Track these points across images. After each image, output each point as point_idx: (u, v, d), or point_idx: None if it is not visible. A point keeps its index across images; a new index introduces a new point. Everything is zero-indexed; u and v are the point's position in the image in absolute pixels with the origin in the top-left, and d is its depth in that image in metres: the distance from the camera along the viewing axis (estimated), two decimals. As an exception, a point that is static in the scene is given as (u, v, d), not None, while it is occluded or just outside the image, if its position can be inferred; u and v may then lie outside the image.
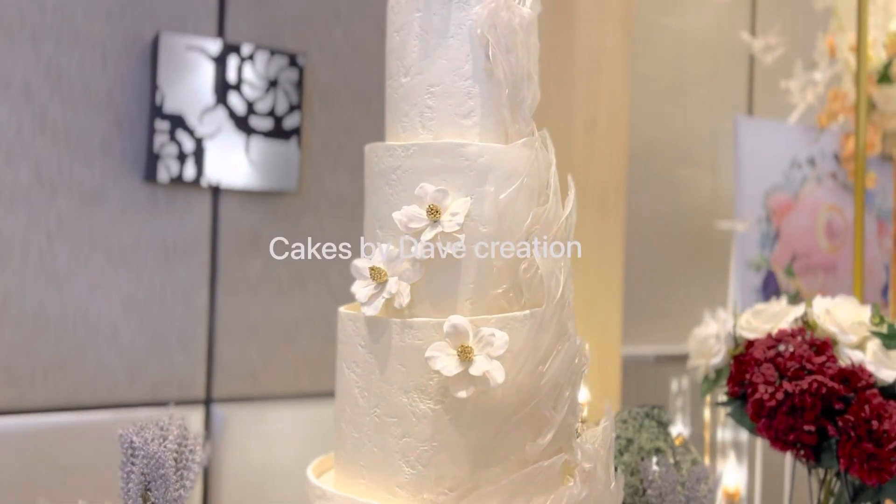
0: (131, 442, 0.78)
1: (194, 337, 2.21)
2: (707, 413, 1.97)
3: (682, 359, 2.60)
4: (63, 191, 2.02)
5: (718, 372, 1.05)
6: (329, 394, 2.39)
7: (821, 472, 1.01)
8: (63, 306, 2.04)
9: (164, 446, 0.79)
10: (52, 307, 2.02)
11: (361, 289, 0.74)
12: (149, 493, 0.78)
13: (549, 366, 0.73)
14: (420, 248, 0.73)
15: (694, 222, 2.75)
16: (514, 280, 0.75)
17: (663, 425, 1.05)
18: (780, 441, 0.93)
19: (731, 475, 1.37)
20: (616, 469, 0.79)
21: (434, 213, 0.72)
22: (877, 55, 2.52)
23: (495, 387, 0.70)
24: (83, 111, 2.04)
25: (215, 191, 2.19)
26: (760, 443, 1.80)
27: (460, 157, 0.75)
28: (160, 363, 2.17)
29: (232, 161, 2.09)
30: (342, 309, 0.79)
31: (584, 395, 2.00)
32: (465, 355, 0.69)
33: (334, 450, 0.81)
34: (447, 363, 0.69)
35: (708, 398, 1.45)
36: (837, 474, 0.98)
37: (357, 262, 0.74)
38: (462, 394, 0.69)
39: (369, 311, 0.73)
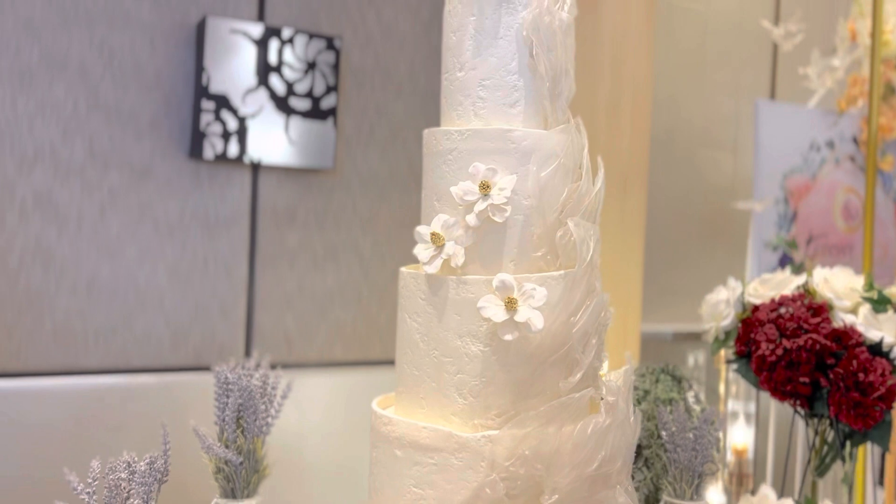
0: (226, 378, 0.96)
1: (234, 306, 2.40)
2: (722, 387, 2.13)
3: (699, 336, 2.76)
4: (114, 165, 2.21)
5: (727, 333, 1.21)
6: (359, 363, 2.58)
7: (816, 423, 1.17)
8: (114, 274, 2.23)
9: (252, 382, 0.97)
10: (104, 275, 2.21)
11: (423, 251, 0.91)
12: (241, 420, 0.95)
13: (580, 317, 0.90)
14: (473, 217, 0.89)
15: (714, 203, 2.90)
16: (551, 245, 0.92)
17: (677, 380, 1.22)
18: (779, 392, 1.10)
19: (740, 434, 1.53)
20: (634, 409, 0.96)
21: (485, 187, 0.89)
22: (895, 40, 2.65)
23: (535, 332, 0.87)
24: (133, 90, 2.21)
25: (255, 167, 2.36)
26: (774, 408, 1.95)
27: (507, 141, 0.91)
28: (202, 330, 2.36)
29: (272, 140, 2.26)
30: (403, 269, 0.96)
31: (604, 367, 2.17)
32: (510, 305, 0.86)
33: (396, 388, 0.98)
34: (496, 312, 0.86)
35: (721, 359, 1.60)
36: (830, 423, 1.14)
37: (419, 229, 0.91)
38: (508, 337, 0.86)
39: (430, 269, 0.90)
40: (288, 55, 2.27)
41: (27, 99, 2.10)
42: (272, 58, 2.24)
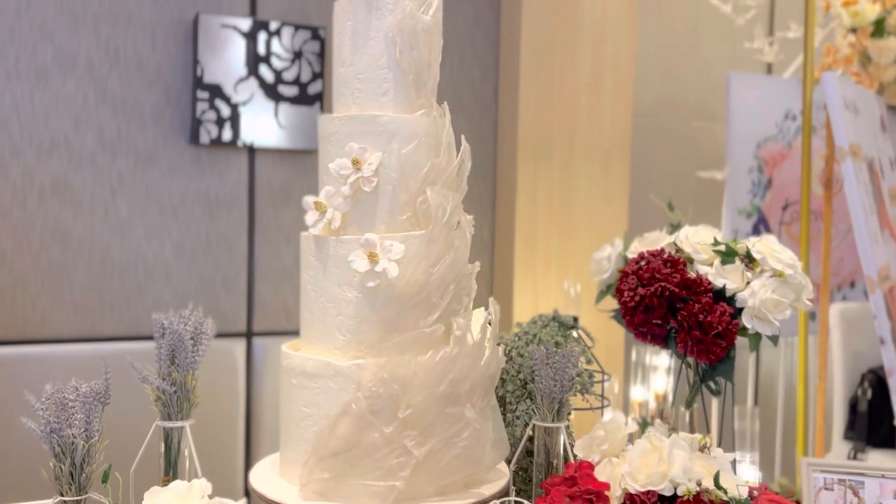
0: (162, 324, 1.21)
1: (236, 279, 2.67)
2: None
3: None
4: (122, 153, 2.49)
5: (609, 286, 1.41)
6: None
7: (681, 364, 1.36)
8: (125, 251, 2.52)
9: (185, 328, 1.21)
10: (116, 251, 2.50)
11: (310, 217, 1.14)
12: (175, 357, 1.20)
13: (438, 268, 1.12)
14: (347, 188, 1.12)
15: (696, 173, 3.04)
16: (414, 210, 1.14)
17: (565, 326, 1.43)
18: (639, 333, 1.30)
19: (661, 381, 1.73)
20: (491, 344, 1.17)
21: (357, 163, 1.11)
22: (871, 8, 2.76)
23: (392, 279, 1.09)
24: (137, 84, 2.49)
25: (251, 151, 2.62)
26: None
27: (377, 124, 1.13)
28: (207, 301, 2.64)
29: (263, 124, 2.51)
30: (303, 233, 1.19)
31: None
32: (372, 258, 1.08)
33: (301, 331, 1.22)
34: (361, 263, 1.08)
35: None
36: (693, 364, 1.33)
37: (306, 198, 1.14)
38: (370, 284, 1.09)
39: (315, 231, 1.14)
40: (276, 46, 2.51)
41: (42, 94, 2.40)
42: (261, 49, 2.49)
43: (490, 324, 1.19)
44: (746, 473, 1.60)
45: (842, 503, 1.10)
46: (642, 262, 1.30)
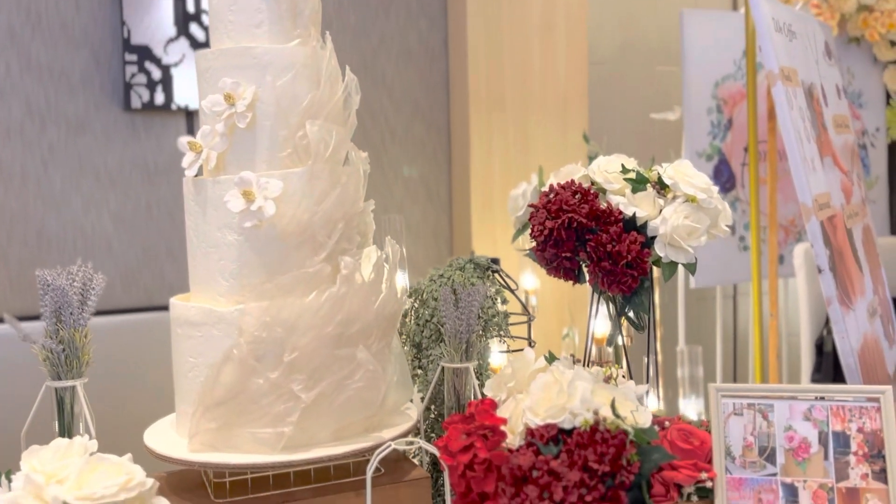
0: (45, 280, 1.18)
1: (181, 248, 2.64)
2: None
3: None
4: (52, 122, 2.45)
5: (524, 225, 1.38)
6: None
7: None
8: (61, 225, 2.49)
9: (72, 284, 1.19)
10: (52, 226, 2.47)
11: (186, 159, 1.11)
12: (60, 314, 1.18)
13: (322, 206, 1.09)
14: (221, 125, 1.09)
15: (649, 115, 3.00)
16: (294, 146, 1.11)
17: (481, 268, 1.41)
18: (551, 267, 1.27)
19: (601, 326, 1.72)
20: (386, 284, 1.15)
21: (230, 98, 1.08)
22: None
23: (272, 218, 1.06)
24: (62, 49, 2.45)
25: (189, 115, 2.58)
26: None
27: (250, 57, 1.10)
28: (152, 272, 2.62)
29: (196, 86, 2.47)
30: (184, 178, 1.17)
31: (532, 281, 2.34)
32: (247, 197, 1.06)
33: (189, 280, 1.20)
34: (236, 203, 1.06)
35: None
36: (612, 298, 1.31)
37: (181, 139, 1.11)
38: (247, 224, 1.07)
39: (190, 173, 1.11)
40: (206, 3, 2.46)
41: (-38, 65, 2.36)
42: (190, 7, 2.45)
43: (387, 263, 1.17)
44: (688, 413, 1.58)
45: (751, 427, 1.09)
46: (551, 195, 1.27)
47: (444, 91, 2.92)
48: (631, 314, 1.35)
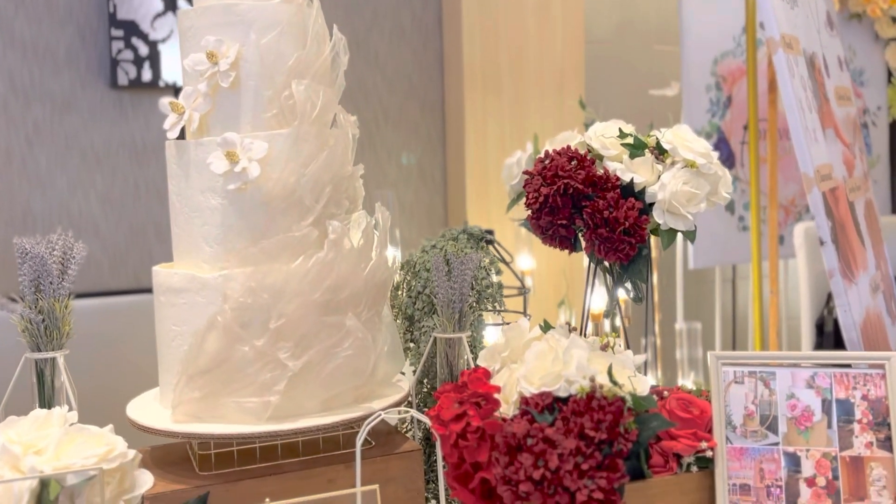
0: (23, 248, 1.15)
1: (168, 229, 2.61)
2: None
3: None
4: (37, 100, 2.41)
5: (519, 194, 1.36)
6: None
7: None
8: (47, 205, 2.46)
9: (52, 253, 1.16)
10: (37, 206, 2.44)
11: (168, 121, 1.08)
12: (40, 284, 1.15)
13: (310, 169, 1.07)
14: (204, 84, 1.06)
15: (647, 91, 2.97)
16: (280, 106, 1.08)
17: (475, 238, 1.38)
18: (546, 236, 1.25)
19: (598, 302, 1.69)
20: (378, 251, 1.12)
21: (212, 57, 1.05)
22: None
23: (256, 180, 1.03)
24: (47, 25, 2.41)
25: (176, 92, 2.54)
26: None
27: (233, 14, 1.07)
28: (139, 254, 2.59)
29: (185, 62, 2.43)
30: (166, 141, 1.14)
31: (528, 262, 2.31)
32: (231, 158, 1.03)
33: (173, 248, 1.17)
34: (219, 165, 1.03)
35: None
36: (609, 268, 1.29)
37: (161, 100, 1.09)
38: (231, 186, 1.04)
39: (171, 135, 1.08)
40: (193, -22, 2.43)
41: (-56, 41, 2.32)
42: (177, -18, 2.41)
43: (377, 230, 1.14)
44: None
45: (752, 396, 1.06)
46: (546, 161, 1.24)
47: (438, 70, 2.89)
48: (628, 285, 1.33)
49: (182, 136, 1.12)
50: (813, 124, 1.62)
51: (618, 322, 1.81)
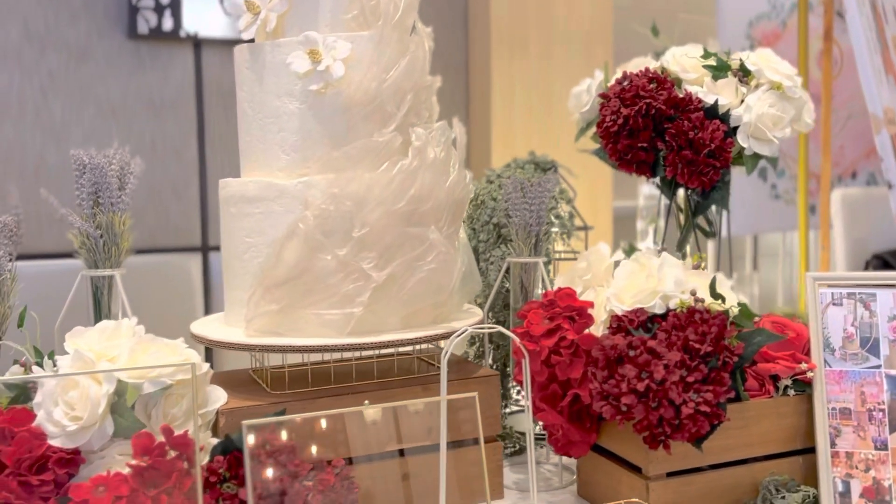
0: (82, 160, 1.12)
1: (187, 187, 2.57)
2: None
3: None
4: (52, 47, 2.37)
5: (589, 123, 1.33)
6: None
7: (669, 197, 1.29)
8: (61, 157, 2.41)
9: (110, 165, 1.12)
10: (51, 157, 2.39)
11: (242, 21, 1.05)
12: (98, 197, 1.11)
13: (391, 74, 1.03)
14: (283, -17, 1.03)
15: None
16: (362, 7, 1.05)
17: (542, 168, 1.35)
18: (623, 161, 1.22)
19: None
20: (457, 166, 1.10)
21: (292, -46, 1.02)
22: None
23: (339, 82, 1.00)
24: (64, -30, 2.36)
25: (196, 45, 2.50)
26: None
27: None
28: (156, 213, 2.54)
29: (208, 12, 2.39)
30: (236, 47, 1.10)
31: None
32: (314, 57, 1.00)
33: (240, 160, 1.14)
34: (301, 63, 1.00)
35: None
36: (685, 199, 1.26)
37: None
38: (313, 87, 1.00)
39: (247, 35, 1.05)
40: (217, -76, 2.39)
41: (-43, -17, 2.27)
42: (201, -73, 2.37)
43: (454, 145, 1.11)
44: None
45: (851, 318, 1.04)
46: (625, 83, 1.22)
47: (462, 29, 2.86)
48: (700, 222, 1.31)
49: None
50: (877, 64, 1.60)
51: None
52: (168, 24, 2.36)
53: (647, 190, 2.70)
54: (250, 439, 0.82)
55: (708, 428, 0.93)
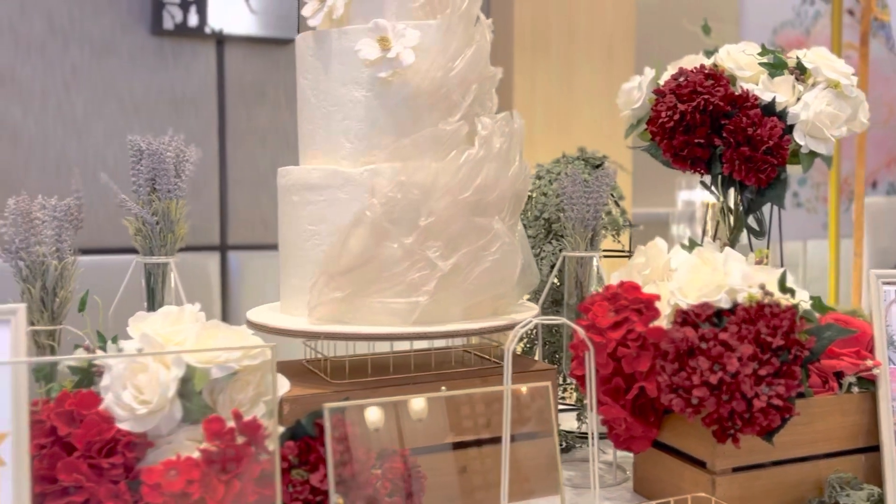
0: (139, 146, 1.12)
1: (206, 185, 2.57)
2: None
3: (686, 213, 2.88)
4: (75, 41, 2.37)
5: (640, 119, 1.34)
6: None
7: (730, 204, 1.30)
8: (83, 152, 2.41)
9: (163, 147, 1.13)
10: (72, 152, 2.39)
11: (307, 8, 1.05)
12: (155, 183, 1.12)
13: (458, 64, 1.04)
14: (350, -30, 1.04)
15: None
16: (429, -5, 1.06)
17: (591, 164, 1.36)
18: (678, 158, 1.23)
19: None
20: (519, 157, 1.10)
21: (360, -60, 1.03)
22: None
23: (407, 71, 1.01)
24: (89, -37, 2.36)
25: (220, 42, 2.51)
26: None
27: None
28: (175, 209, 2.53)
29: (233, 9, 2.40)
30: (298, 35, 1.11)
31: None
32: (384, 44, 1.00)
33: (300, 147, 1.14)
34: (370, 51, 1.00)
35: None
36: (728, 183, 1.27)
37: (304, -18, 1.06)
38: (382, 74, 1.01)
39: (313, 22, 1.05)
40: (245, -80, 2.40)
41: (-18, -26, 2.27)
42: (228, -77, 2.38)
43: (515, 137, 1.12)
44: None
45: (917, 315, 1.05)
46: (681, 79, 1.23)
47: (484, 32, 2.87)
48: (751, 222, 1.31)
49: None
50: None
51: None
52: (193, 20, 2.36)
53: (684, 195, 2.71)
54: (328, 424, 0.82)
55: (779, 421, 0.94)
